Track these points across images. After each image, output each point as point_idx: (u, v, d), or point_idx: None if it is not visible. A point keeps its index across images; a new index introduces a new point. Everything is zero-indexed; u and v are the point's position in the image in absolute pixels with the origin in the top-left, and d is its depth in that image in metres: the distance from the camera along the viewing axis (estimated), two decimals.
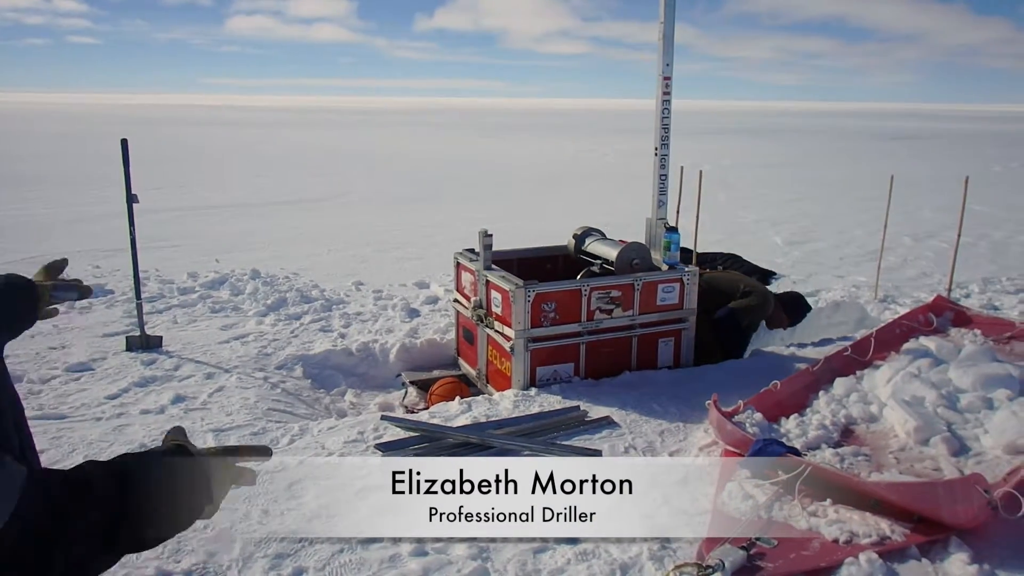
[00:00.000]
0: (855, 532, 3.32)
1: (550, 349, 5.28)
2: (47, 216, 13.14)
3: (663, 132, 5.62)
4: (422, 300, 7.79)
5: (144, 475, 1.14)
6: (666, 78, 5.57)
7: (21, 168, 20.41)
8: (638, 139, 35.18)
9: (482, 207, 15.13)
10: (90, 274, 8.60)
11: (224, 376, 5.60)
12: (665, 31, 5.48)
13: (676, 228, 5.70)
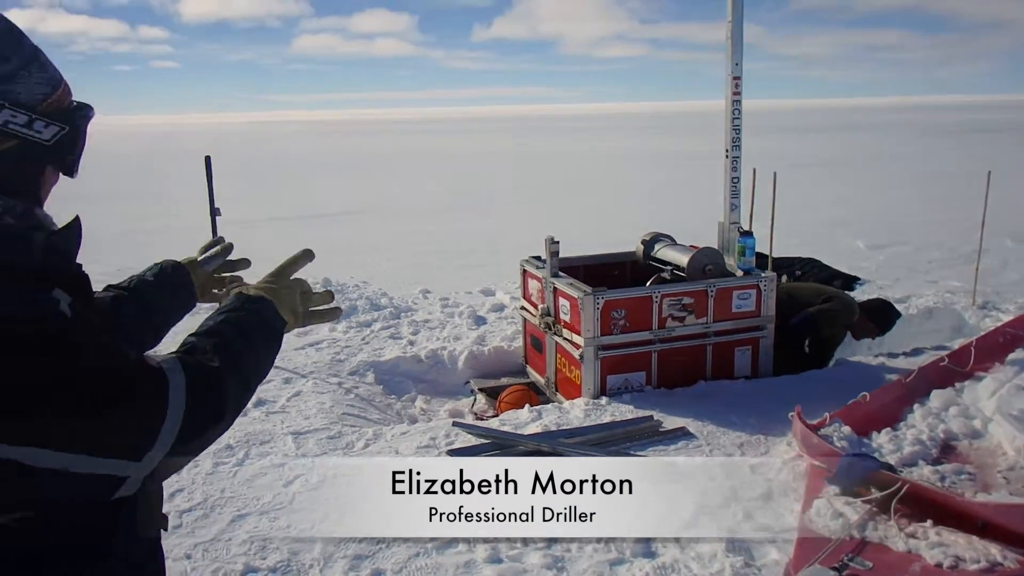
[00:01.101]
0: (960, 556, 3.12)
1: (620, 357, 5.23)
2: (134, 229, 13.63)
3: (734, 134, 5.53)
4: (488, 307, 7.81)
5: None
6: (736, 78, 5.48)
7: (111, 185, 21.28)
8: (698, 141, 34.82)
9: (542, 213, 15.13)
10: None
11: (301, 381, 5.71)
12: (733, 31, 5.40)
13: (751, 232, 5.60)
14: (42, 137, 1.17)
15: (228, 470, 4.29)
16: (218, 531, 3.64)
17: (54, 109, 1.19)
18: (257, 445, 4.61)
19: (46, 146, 1.18)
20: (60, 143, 1.20)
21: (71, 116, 1.22)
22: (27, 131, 1.15)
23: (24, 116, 1.14)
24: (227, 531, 3.64)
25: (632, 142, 44.36)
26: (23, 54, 1.16)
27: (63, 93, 1.22)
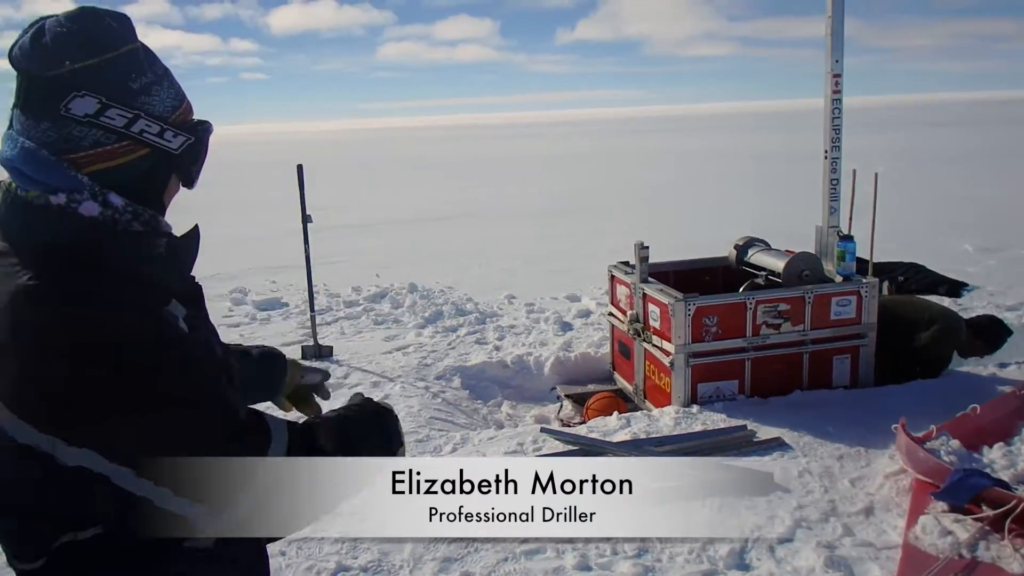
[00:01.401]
0: None
1: (712, 365, 5.10)
2: (229, 236, 14.14)
3: (834, 133, 5.33)
4: (574, 313, 7.76)
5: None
6: (835, 75, 5.28)
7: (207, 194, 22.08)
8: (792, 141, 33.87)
9: (630, 219, 14.96)
10: (267, 288, 9.18)
11: (389, 385, 5.80)
12: (833, 26, 5.20)
13: (851, 236, 5.38)
14: (171, 146, 1.23)
15: None
16: (311, 530, 3.70)
17: (181, 122, 1.26)
18: None
19: (174, 155, 1.25)
20: (186, 153, 1.26)
21: (195, 129, 1.28)
22: (158, 140, 1.21)
23: (157, 126, 1.21)
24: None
25: (722, 143, 43.54)
26: (156, 70, 1.24)
27: (187, 109, 1.28)
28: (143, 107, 1.19)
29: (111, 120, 1.16)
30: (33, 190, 1.15)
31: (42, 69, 1.14)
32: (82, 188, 1.15)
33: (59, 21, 1.16)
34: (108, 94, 1.16)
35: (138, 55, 1.21)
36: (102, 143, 1.16)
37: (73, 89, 1.14)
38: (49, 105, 1.14)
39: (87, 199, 1.14)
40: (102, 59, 1.16)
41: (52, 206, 1.13)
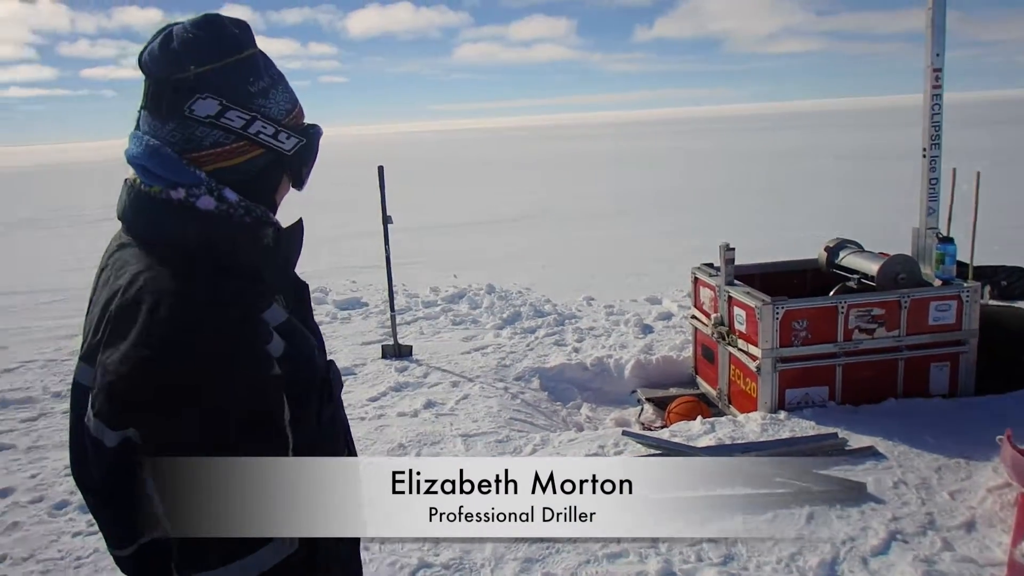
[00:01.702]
0: None
1: (801, 370, 4.95)
2: (310, 236, 14.47)
3: (933, 130, 5.10)
4: (655, 316, 7.65)
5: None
6: (936, 70, 5.05)
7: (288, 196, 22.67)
8: (885, 139, 32.69)
9: (712, 220, 14.68)
10: (347, 288, 9.36)
11: (468, 385, 5.82)
12: (935, 18, 4.98)
13: (951, 238, 5.14)
14: (284, 148, 1.28)
15: None
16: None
17: (294, 124, 1.31)
18: (428, 445, 4.73)
19: (287, 156, 1.30)
20: (298, 154, 1.31)
21: (307, 132, 1.33)
22: (273, 141, 1.27)
23: (272, 128, 1.26)
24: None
25: (809, 141, 42.37)
26: (272, 75, 1.29)
27: (299, 112, 1.34)
28: (260, 109, 1.24)
29: (230, 121, 1.22)
30: (156, 185, 1.21)
31: (169, 72, 1.20)
32: (200, 183, 1.21)
33: (185, 27, 1.22)
34: (228, 96, 1.22)
35: (256, 60, 1.27)
36: (221, 143, 1.22)
37: (197, 92, 1.20)
38: (175, 106, 1.20)
39: (204, 194, 1.21)
40: (223, 63, 1.21)
41: (172, 200, 1.20)
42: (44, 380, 6.46)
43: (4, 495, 4.39)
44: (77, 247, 14.68)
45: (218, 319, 1.13)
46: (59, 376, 6.53)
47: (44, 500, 4.29)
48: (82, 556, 3.70)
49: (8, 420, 5.58)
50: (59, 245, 15.70)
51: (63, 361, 6.93)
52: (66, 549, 3.78)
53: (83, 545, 3.79)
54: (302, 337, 1.29)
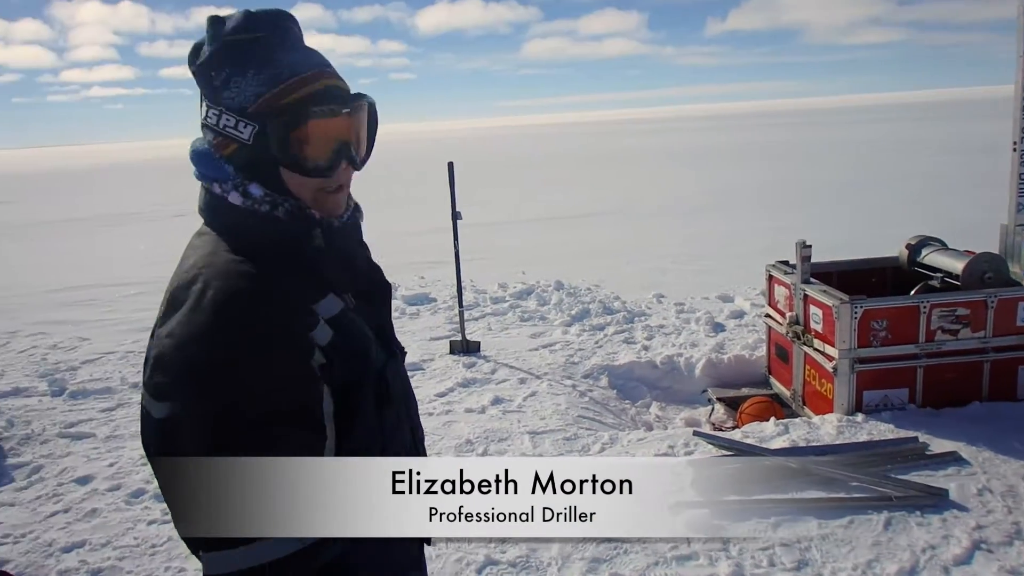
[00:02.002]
0: None
1: (879, 372, 4.79)
2: (379, 232, 14.74)
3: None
4: (727, 314, 7.51)
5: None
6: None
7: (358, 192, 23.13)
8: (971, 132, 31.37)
9: (786, 216, 14.34)
10: (416, 283, 9.47)
11: (536, 382, 5.82)
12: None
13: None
14: (242, 137, 1.23)
15: None
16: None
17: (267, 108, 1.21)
18: (495, 442, 4.74)
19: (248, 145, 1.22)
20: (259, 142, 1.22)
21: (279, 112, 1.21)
22: (233, 132, 1.24)
23: (233, 119, 1.23)
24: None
25: (891, 134, 40.99)
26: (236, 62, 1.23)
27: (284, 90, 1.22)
28: (224, 102, 1.24)
29: (209, 119, 1.26)
30: (204, 181, 1.29)
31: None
32: (228, 179, 1.25)
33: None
34: (206, 95, 1.27)
35: (221, 52, 1.24)
36: (210, 140, 1.27)
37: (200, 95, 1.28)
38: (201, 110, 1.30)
39: (232, 189, 1.25)
40: (196, 65, 1.27)
41: (214, 194, 1.27)
42: (123, 371, 6.69)
43: (84, 482, 4.54)
44: (156, 242, 15.21)
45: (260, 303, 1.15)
46: (137, 367, 6.72)
47: (121, 488, 4.43)
48: (156, 544, 3.80)
49: (88, 409, 5.79)
50: (140, 240, 16.30)
51: (141, 353, 7.10)
52: (142, 536, 3.89)
53: (158, 533, 3.90)
54: (357, 331, 1.28)
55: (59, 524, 4.07)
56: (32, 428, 5.40)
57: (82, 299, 10.05)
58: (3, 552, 3.81)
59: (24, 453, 5.02)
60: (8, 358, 7.27)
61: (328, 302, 1.24)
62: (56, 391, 6.18)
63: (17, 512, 4.22)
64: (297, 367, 1.15)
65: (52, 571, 3.63)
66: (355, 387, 1.24)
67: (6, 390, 6.23)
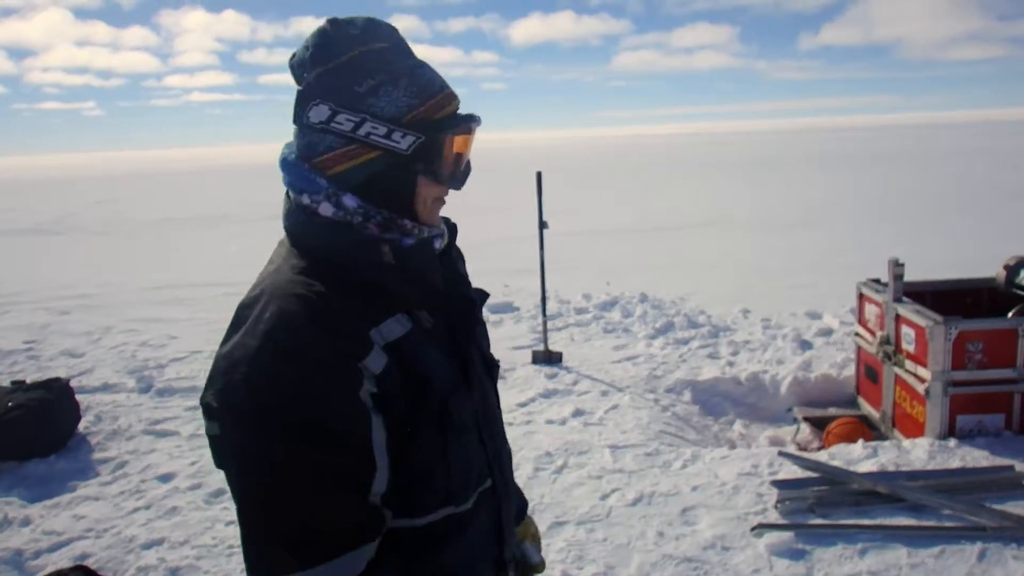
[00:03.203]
0: None
1: (974, 396, 4.63)
2: (465, 240, 14.92)
3: None
4: (815, 331, 7.34)
5: None
6: None
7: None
8: None
9: (878, 233, 13.88)
10: (500, 292, 9.57)
11: (618, 394, 5.82)
12: None
13: None
14: (399, 147, 1.23)
15: (547, 476, 4.48)
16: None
17: (418, 120, 1.24)
18: (575, 455, 4.76)
19: (405, 155, 1.24)
20: (419, 153, 1.24)
21: (435, 127, 1.26)
22: (386, 141, 1.23)
23: (384, 127, 1.22)
24: (546, 536, 3.80)
25: (989, 152, 39.13)
26: (392, 70, 1.24)
27: (435, 105, 1.26)
28: (369, 110, 1.22)
29: (340, 125, 1.22)
30: (292, 191, 1.28)
31: (297, 83, 1.27)
32: (320, 190, 1.23)
33: (308, 38, 1.27)
34: (338, 100, 1.22)
35: (367, 59, 1.24)
36: (334, 147, 1.23)
37: (312, 98, 1.23)
38: (298, 115, 1.26)
39: (323, 200, 1.23)
40: (326, 67, 1.23)
41: (302, 205, 1.25)
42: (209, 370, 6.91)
43: (166, 480, 4.66)
44: (247, 244, 15.70)
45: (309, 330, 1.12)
46: None
47: (202, 487, 4.52)
48: (234, 545, 3.83)
49: (174, 407, 5.95)
50: (231, 241, 16.92)
51: None
52: (220, 536, 3.96)
53: (235, 534, 3.92)
54: (421, 357, 1.22)
55: (140, 520, 4.16)
56: (119, 424, 5.58)
57: (173, 298, 10.43)
58: (86, 546, 3.91)
59: (110, 448, 5.18)
60: (99, 354, 7.53)
61: (392, 324, 1.19)
62: (143, 388, 6.38)
63: (101, 506, 4.34)
64: (341, 398, 1.11)
65: (131, 567, 3.71)
66: (413, 414, 1.20)
67: (96, 385, 6.47)
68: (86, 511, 4.30)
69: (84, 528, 4.09)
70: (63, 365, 7.12)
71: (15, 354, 7.59)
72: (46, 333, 8.48)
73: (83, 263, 14.42)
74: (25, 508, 4.33)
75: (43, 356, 7.50)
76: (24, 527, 4.13)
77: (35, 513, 4.28)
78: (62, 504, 4.38)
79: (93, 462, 4.97)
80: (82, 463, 4.95)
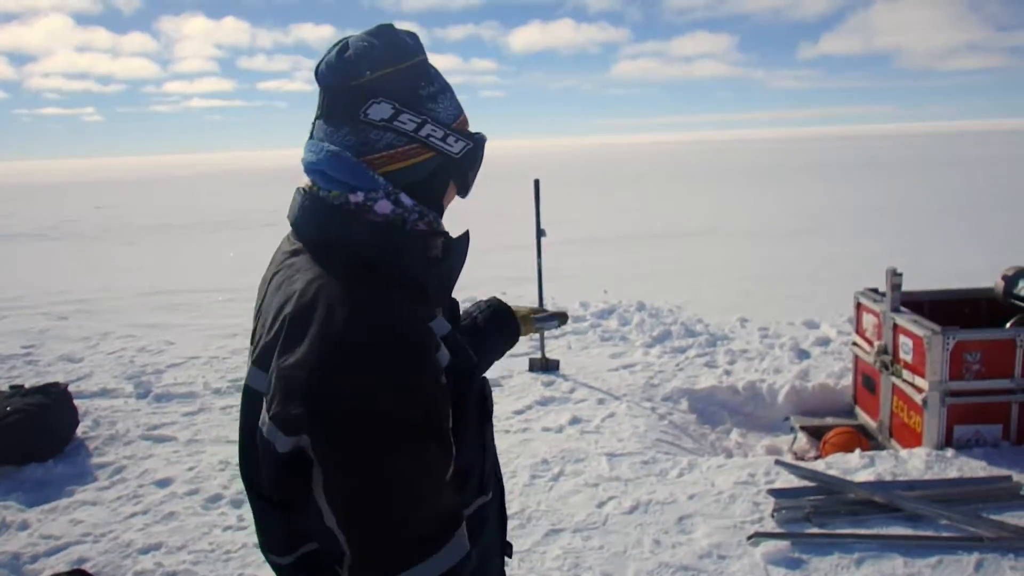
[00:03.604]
0: None
1: (972, 406, 4.64)
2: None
3: None
4: (812, 341, 7.35)
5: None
6: None
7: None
8: None
9: (877, 242, 13.92)
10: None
11: (614, 403, 5.82)
12: None
13: None
14: (453, 151, 1.30)
15: (544, 484, 4.49)
16: (533, 543, 3.82)
17: (460, 130, 1.33)
18: (572, 463, 4.76)
19: (455, 159, 1.31)
20: (466, 157, 1.33)
21: (473, 137, 1.35)
22: (443, 144, 1.29)
23: (441, 131, 1.28)
24: (542, 544, 3.81)
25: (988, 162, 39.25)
26: (440, 81, 1.33)
27: (464, 120, 1.36)
28: (430, 113, 1.27)
29: (403, 124, 1.25)
30: (335, 190, 1.25)
31: (346, 80, 1.25)
32: (378, 187, 1.24)
33: (362, 37, 1.28)
34: (401, 100, 1.25)
35: (427, 66, 1.31)
36: (395, 145, 1.25)
37: (372, 96, 1.24)
38: (351, 112, 1.25)
39: (382, 197, 1.24)
40: (396, 68, 1.26)
41: (351, 204, 1.24)
42: (206, 376, 6.84)
43: (163, 485, 4.66)
44: (246, 250, 15.76)
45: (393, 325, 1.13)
46: (220, 372, 6.94)
47: (199, 493, 4.53)
48: (231, 550, 3.86)
49: (171, 413, 5.95)
50: (230, 247, 16.93)
51: (224, 359, 7.36)
52: (217, 542, 3.96)
53: (232, 540, 3.97)
54: (464, 351, 1.27)
55: (138, 525, 4.17)
56: (117, 429, 5.58)
57: (171, 303, 10.42)
58: (83, 551, 3.90)
59: (108, 453, 5.18)
60: (98, 359, 7.55)
61: (439, 322, 1.24)
62: (141, 393, 6.37)
63: (99, 511, 4.34)
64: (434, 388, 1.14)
65: (128, 572, 3.71)
66: (462, 405, 1.24)
67: (94, 390, 6.47)
68: (84, 516, 4.30)
69: (82, 533, 4.09)
70: (61, 370, 7.12)
71: (13, 359, 7.59)
72: (44, 338, 8.48)
73: (81, 268, 14.41)
74: (23, 512, 4.33)
75: (41, 361, 7.50)
76: (22, 531, 4.13)
77: (33, 517, 4.28)
78: (60, 508, 4.38)
79: (91, 467, 4.97)
80: (80, 468, 4.95)
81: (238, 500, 4.39)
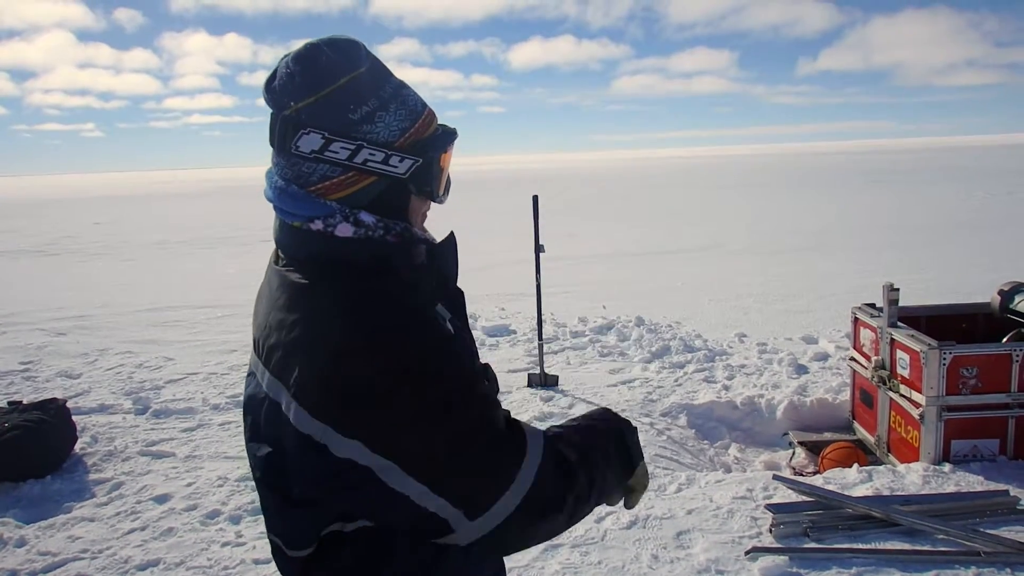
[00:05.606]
0: None
1: (969, 421, 4.65)
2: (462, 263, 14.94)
3: None
4: (810, 356, 7.37)
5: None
6: None
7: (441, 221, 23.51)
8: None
9: (875, 258, 13.96)
10: (496, 314, 9.60)
11: None
12: None
13: None
14: (398, 172, 1.24)
15: None
16: (532, 558, 3.81)
17: (411, 143, 1.26)
18: None
19: (403, 179, 1.25)
20: (416, 175, 1.26)
21: (427, 148, 1.28)
22: (383, 167, 1.23)
23: (381, 153, 1.22)
24: (540, 559, 3.80)
25: (987, 178, 39.38)
26: (381, 94, 1.25)
27: (422, 125, 1.28)
28: (366, 136, 1.21)
29: (335, 154, 1.20)
30: (295, 221, 1.24)
31: (277, 110, 1.23)
32: (333, 212, 1.22)
33: (286, 63, 1.23)
34: (331, 128, 1.20)
35: (358, 84, 1.23)
36: (329, 176, 1.22)
37: (300, 127, 1.20)
38: (285, 143, 1.22)
39: (340, 221, 1.22)
40: (319, 96, 1.20)
41: (313, 231, 1.23)
42: (204, 392, 6.84)
43: (161, 501, 4.65)
44: (244, 265, 15.79)
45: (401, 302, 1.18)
46: (219, 388, 6.94)
47: (198, 508, 4.52)
48: (229, 566, 3.84)
49: (170, 429, 5.94)
50: (229, 263, 16.95)
51: (223, 375, 7.35)
52: (215, 558, 3.95)
53: (231, 556, 3.96)
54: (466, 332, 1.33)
55: (136, 541, 4.15)
56: (115, 445, 5.58)
57: (170, 320, 10.41)
58: (80, 567, 3.88)
59: (106, 469, 5.17)
60: (96, 375, 7.55)
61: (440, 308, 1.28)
62: (140, 409, 6.37)
63: (96, 527, 4.33)
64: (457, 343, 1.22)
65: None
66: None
67: (92, 406, 6.47)
68: (81, 532, 4.28)
69: (79, 549, 4.08)
70: (59, 386, 7.12)
71: (11, 375, 7.59)
72: (43, 354, 8.48)
73: (80, 284, 14.42)
74: (21, 529, 4.32)
75: (39, 377, 7.50)
76: (19, 548, 4.11)
77: (31, 534, 4.26)
78: (57, 525, 4.37)
79: (89, 483, 4.96)
80: (78, 484, 4.94)
81: (236, 516, 4.39)
